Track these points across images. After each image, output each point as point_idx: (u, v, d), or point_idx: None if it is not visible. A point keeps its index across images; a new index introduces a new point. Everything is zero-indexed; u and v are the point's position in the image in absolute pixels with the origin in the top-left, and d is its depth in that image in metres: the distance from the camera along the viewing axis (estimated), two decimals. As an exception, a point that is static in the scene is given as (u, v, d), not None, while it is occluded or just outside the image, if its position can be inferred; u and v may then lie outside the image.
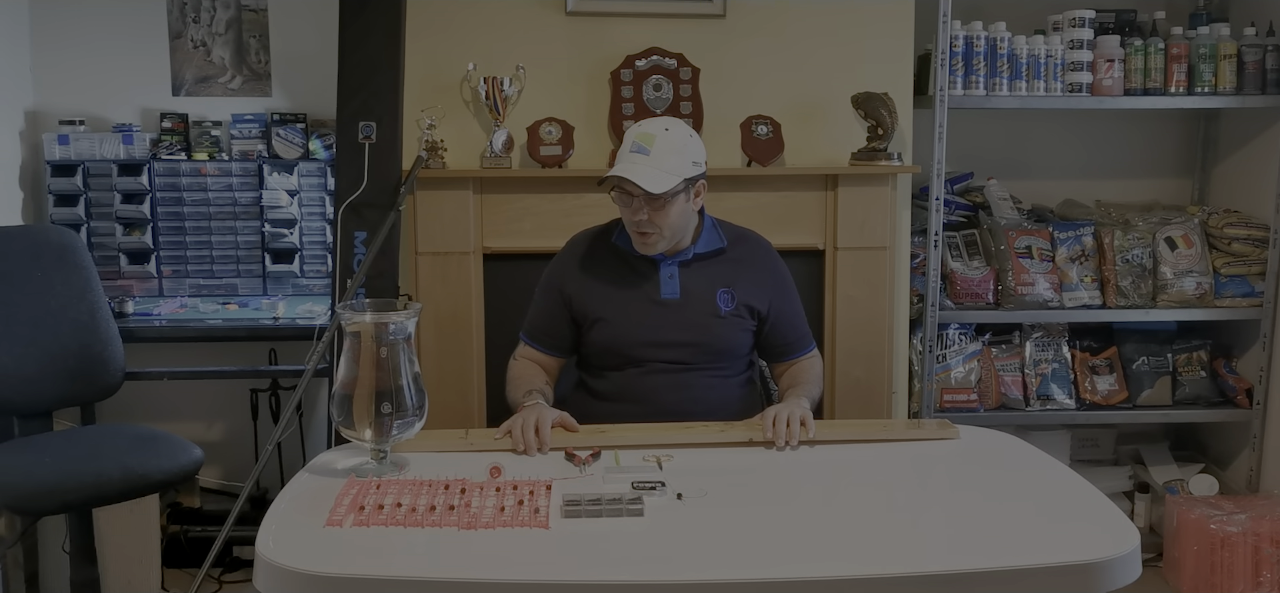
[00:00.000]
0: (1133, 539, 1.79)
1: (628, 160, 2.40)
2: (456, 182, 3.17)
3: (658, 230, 2.44)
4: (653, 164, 2.38)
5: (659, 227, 2.44)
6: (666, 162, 2.39)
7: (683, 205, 2.46)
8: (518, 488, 2.00)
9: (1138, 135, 3.93)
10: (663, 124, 2.46)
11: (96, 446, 2.91)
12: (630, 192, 2.40)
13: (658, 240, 2.47)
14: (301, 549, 1.75)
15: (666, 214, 2.42)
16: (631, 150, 2.40)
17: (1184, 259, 3.58)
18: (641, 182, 2.36)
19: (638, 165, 2.38)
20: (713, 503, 1.97)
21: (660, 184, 2.38)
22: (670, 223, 2.45)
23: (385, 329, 2.04)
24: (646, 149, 2.39)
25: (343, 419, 2.08)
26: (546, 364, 2.60)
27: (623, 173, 2.38)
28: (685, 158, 2.43)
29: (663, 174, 2.38)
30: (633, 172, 2.37)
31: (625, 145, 2.43)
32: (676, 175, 2.40)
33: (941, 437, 2.36)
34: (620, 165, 2.40)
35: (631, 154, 2.40)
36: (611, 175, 2.41)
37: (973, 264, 3.61)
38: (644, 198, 2.39)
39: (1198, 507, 3.46)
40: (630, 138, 2.43)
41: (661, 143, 2.40)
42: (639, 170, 2.37)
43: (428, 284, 3.19)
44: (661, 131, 2.42)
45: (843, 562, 1.74)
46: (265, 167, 3.65)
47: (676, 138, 2.43)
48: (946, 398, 3.55)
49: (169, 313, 3.52)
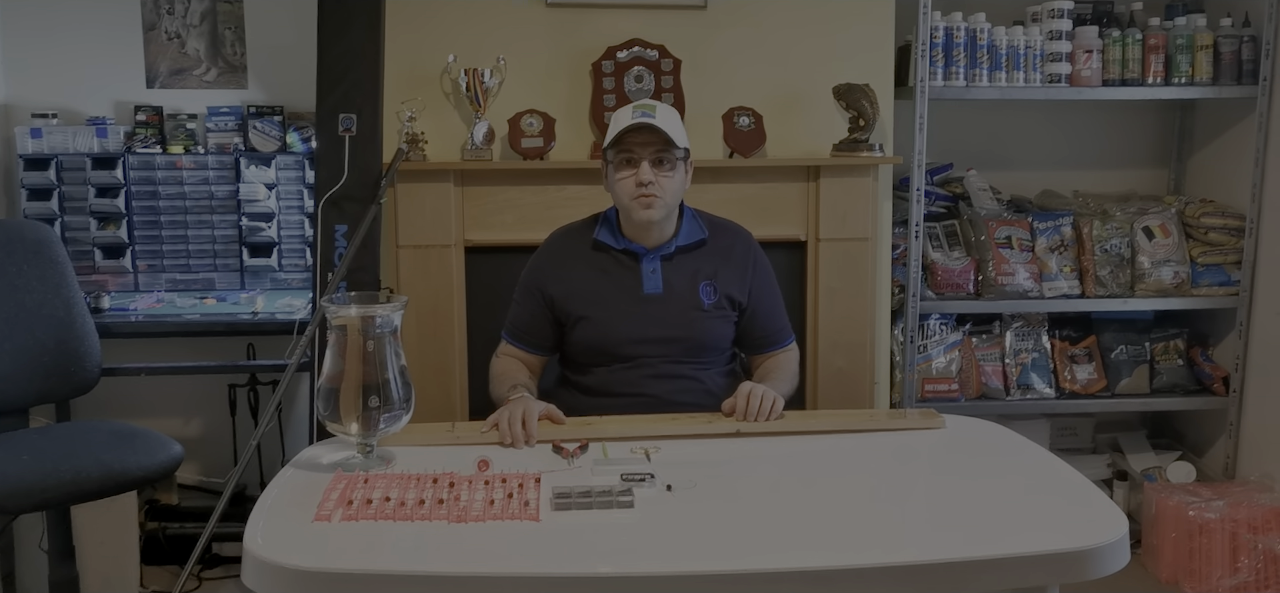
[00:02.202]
0: (1121, 526, 1.79)
1: (638, 119, 2.40)
2: (437, 174, 3.15)
3: (662, 193, 2.43)
4: (661, 123, 2.40)
5: (664, 188, 2.43)
6: (672, 125, 2.43)
7: (681, 175, 2.48)
8: (507, 481, 1.99)
9: (1115, 126, 3.96)
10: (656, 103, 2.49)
11: (74, 443, 2.88)
12: (641, 147, 2.40)
13: (659, 205, 2.45)
14: (290, 545, 1.74)
15: (673, 177, 2.44)
16: (635, 116, 2.41)
17: (1161, 249, 3.60)
18: (664, 125, 2.39)
19: (650, 121, 2.40)
20: (702, 494, 1.96)
21: (679, 138, 2.42)
22: (673, 188, 2.46)
23: (371, 322, 2.02)
24: (651, 114, 2.41)
25: (329, 413, 2.06)
26: (529, 362, 2.59)
27: (643, 120, 2.39)
28: (682, 132, 2.47)
29: (677, 131, 2.43)
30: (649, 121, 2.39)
31: (623, 116, 2.43)
32: (683, 140, 2.45)
33: (927, 426, 2.37)
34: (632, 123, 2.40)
35: (639, 117, 2.41)
36: (633, 123, 2.40)
37: (953, 255, 3.62)
38: (651, 161, 2.40)
39: (1176, 494, 3.49)
40: (629, 109, 2.44)
41: (664, 112, 2.43)
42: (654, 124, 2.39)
43: (409, 277, 3.17)
44: (660, 104, 2.46)
45: (832, 551, 1.74)
46: (242, 160, 3.62)
47: (672, 112, 2.47)
48: (928, 388, 3.57)
49: (145, 308, 3.48)
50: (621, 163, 2.45)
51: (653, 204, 2.46)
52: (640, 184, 2.42)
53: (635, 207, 2.47)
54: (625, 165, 2.45)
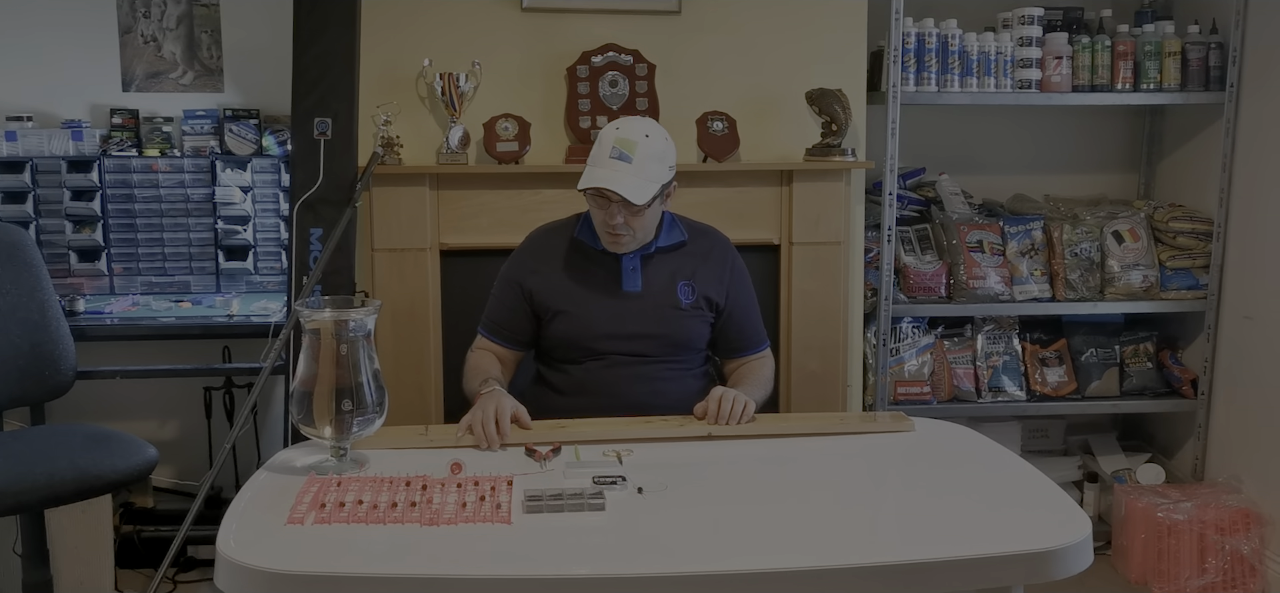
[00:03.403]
0: (1084, 528, 1.83)
1: (609, 167, 2.40)
2: (413, 178, 3.15)
3: (631, 233, 2.48)
4: (635, 172, 2.39)
5: (633, 229, 2.47)
6: (647, 170, 2.41)
7: (656, 209, 2.50)
8: (479, 484, 2.00)
9: (1085, 131, 4.00)
10: (642, 129, 2.46)
11: (48, 445, 2.87)
12: (610, 198, 2.41)
13: (630, 242, 2.51)
14: (263, 548, 1.75)
15: (642, 218, 2.46)
16: (612, 156, 2.40)
17: (1131, 252, 3.64)
18: (626, 193, 2.38)
19: (620, 174, 2.39)
20: (673, 497, 1.99)
21: (643, 194, 2.40)
22: (644, 226, 2.49)
23: (345, 326, 2.03)
24: (629, 157, 2.39)
25: (302, 417, 2.07)
26: (504, 356, 2.60)
27: (607, 184, 2.39)
28: (664, 164, 2.46)
29: (645, 183, 2.41)
30: (616, 182, 2.38)
31: (604, 148, 2.42)
32: (656, 182, 2.44)
33: (897, 429, 2.40)
34: (601, 172, 2.40)
35: (612, 160, 2.40)
36: (595, 186, 2.41)
37: (925, 258, 3.65)
38: (621, 204, 2.41)
39: (1145, 495, 3.53)
40: (609, 141, 2.42)
41: (643, 150, 2.41)
42: (623, 181, 2.38)
43: (384, 281, 3.18)
44: (643, 138, 2.42)
45: (802, 553, 1.77)
46: (218, 163, 3.61)
47: (656, 145, 2.44)
48: (900, 390, 3.60)
49: (121, 311, 3.48)
50: (594, 199, 2.47)
51: (621, 243, 2.50)
52: (609, 224, 2.46)
53: (605, 239, 2.52)
54: (597, 201, 2.47)
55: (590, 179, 2.42)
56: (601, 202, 2.45)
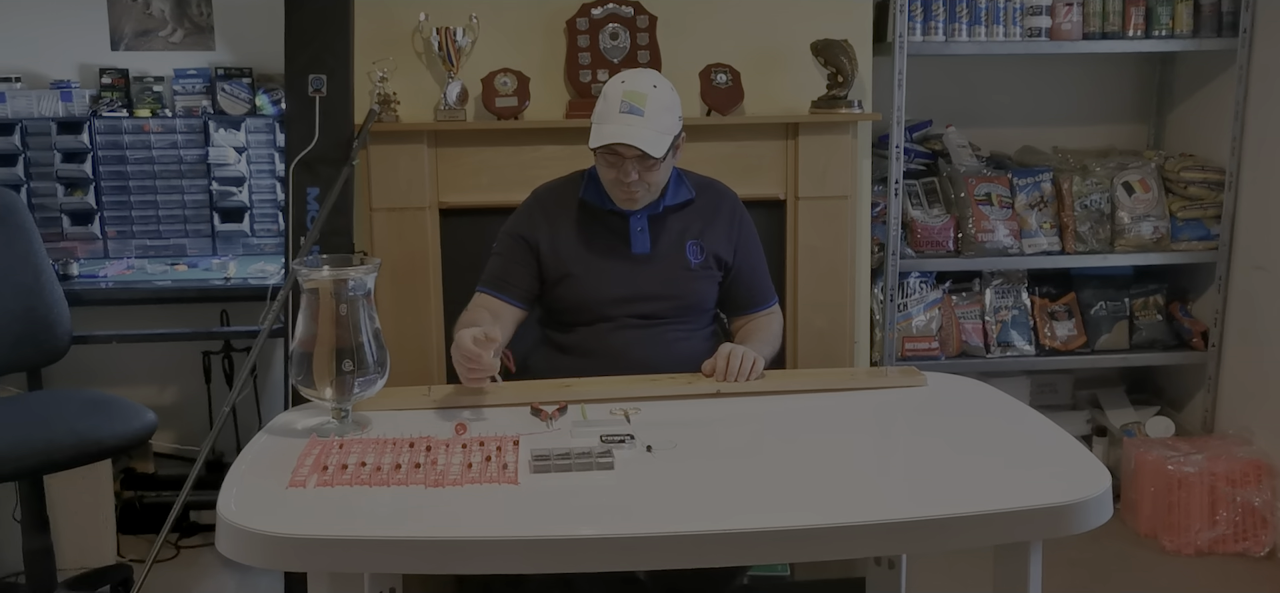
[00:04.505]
0: (1103, 480, 1.79)
1: (620, 122, 2.33)
2: (410, 135, 3.09)
3: (646, 188, 2.41)
4: (648, 124, 2.32)
5: (649, 184, 2.41)
6: (660, 121, 2.35)
7: (669, 162, 2.43)
8: (485, 444, 1.96)
9: (1095, 80, 3.93)
10: (649, 80, 2.39)
11: (46, 412, 2.84)
12: (624, 154, 2.35)
13: (645, 197, 2.44)
14: (264, 511, 1.71)
15: (657, 172, 2.40)
16: (623, 111, 2.33)
17: (1141, 204, 3.59)
18: (643, 145, 2.31)
19: (633, 127, 2.32)
20: (682, 455, 1.95)
21: (659, 146, 2.34)
22: (658, 181, 2.43)
23: (344, 285, 1.99)
24: (640, 109, 2.32)
25: (302, 378, 2.02)
26: (502, 312, 2.48)
27: (623, 139, 2.32)
28: (673, 115, 2.40)
29: (658, 135, 2.34)
30: (632, 136, 2.31)
31: (612, 104, 2.35)
32: (669, 134, 2.37)
33: (908, 384, 2.35)
34: (614, 128, 2.33)
35: (623, 115, 2.33)
36: (610, 142, 2.33)
37: (933, 212, 3.60)
38: (636, 159, 2.34)
39: (1154, 449, 3.50)
40: (617, 96, 2.35)
41: (654, 102, 2.34)
42: (638, 134, 2.32)
43: (383, 240, 3.13)
44: (651, 90, 2.36)
45: (814, 511, 1.73)
46: (211, 123, 3.55)
47: (665, 96, 2.38)
48: (908, 346, 3.56)
49: (115, 275, 3.43)
50: (605, 156, 2.40)
51: (635, 199, 2.44)
52: (624, 182, 2.39)
53: (617, 196, 2.45)
54: (608, 159, 2.40)
55: (603, 136, 2.35)
56: (613, 159, 2.38)
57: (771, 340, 2.57)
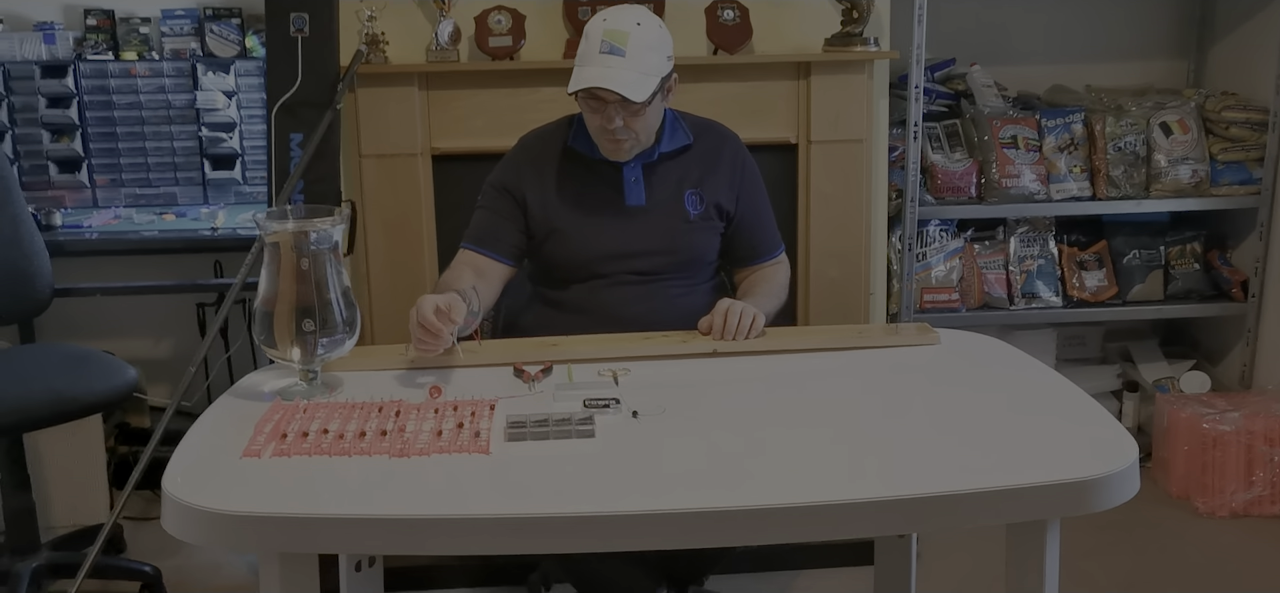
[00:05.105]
0: (1130, 453, 1.63)
1: (600, 63, 2.16)
2: (400, 78, 2.95)
3: (633, 136, 2.25)
4: (629, 66, 2.16)
5: (635, 132, 2.24)
6: (643, 62, 2.17)
7: (658, 107, 2.26)
8: (458, 409, 1.83)
9: (1130, 14, 3.74)
10: (633, 17, 2.21)
11: (25, 367, 2.75)
12: (605, 98, 2.18)
13: (633, 147, 2.28)
14: (211, 485, 1.58)
15: (643, 119, 2.23)
16: (602, 51, 2.16)
17: (1179, 146, 3.40)
18: (623, 90, 2.14)
19: (613, 70, 2.15)
20: (671, 421, 1.80)
21: (642, 90, 2.17)
22: (646, 127, 2.26)
23: (305, 239, 1.85)
24: (620, 50, 2.15)
25: (264, 338, 1.89)
26: (487, 269, 2.33)
27: (600, 82, 2.15)
28: (661, 55, 2.22)
29: (641, 77, 2.17)
30: (610, 79, 2.15)
31: (591, 44, 2.18)
32: (655, 76, 2.20)
33: (920, 342, 2.20)
34: (593, 71, 2.16)
35: (603, 57, 2.16)
36: (587, 86, 2.17)
37: (954, 156, 3.43)
38: (619, 104, 2.18)
39: (1189, 405, 3.35)
40: (597, 36, 2.18)
41: (636, 40, 2.16)
42: (618, 77, 2.15)
43: (374, 189, 2.99)
44: (634, 28, 2.18)
45: (810, 487, 1.57)
46: (199, 66, 3.41)
47: (650, 34, 2.20)
48: (927, 298, 3.40)
49: (101, 225, 3.31)
50: (587, 102, 2.23)
51: (622, 149, 2.28)
52: (608, 130, 2.23)
53: (603, 146, 2.29)
54: (591, 105, 2.23)
55: (580, 80, 2.18)
56: (596, 104, 2.21)
57: (777, 293, 2.42)
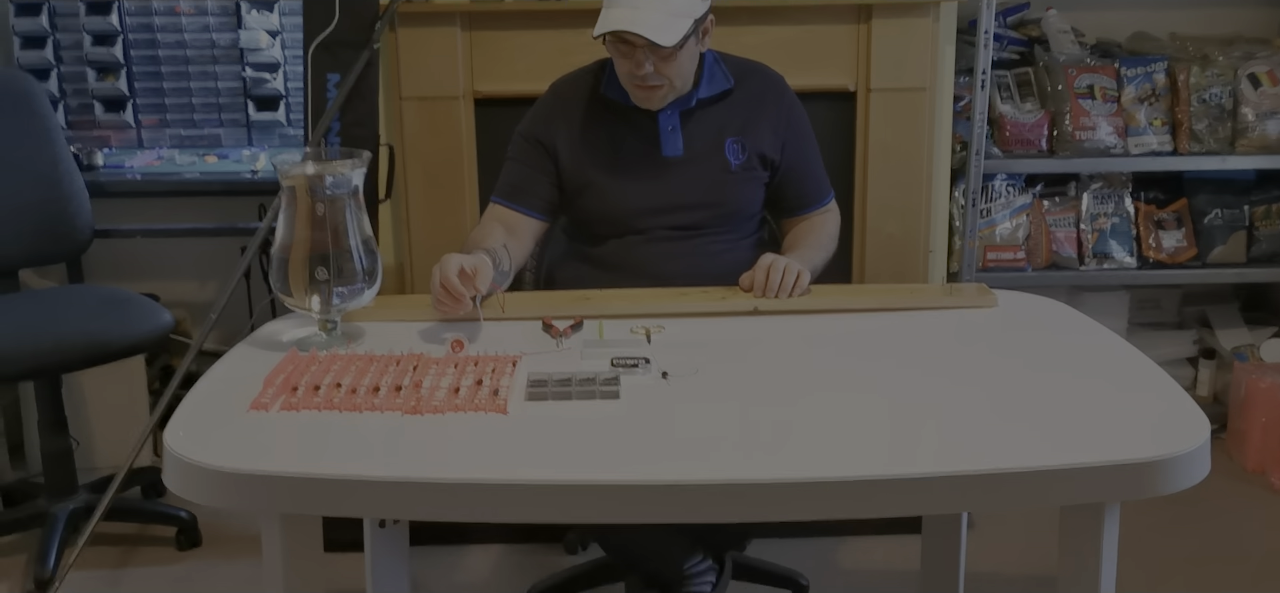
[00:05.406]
0: (1201, 432, 1.50)
1: (627, 4, 2.03)
2: (442, 17, 2.84)
3: (667, 82, 2.11)
4: (659, 6, 2.02)
5: (668, 78, 2.10)
6: (674, 2, 2.04)
7: (692, 49, 2.12)
8: (479, 364, 1.75)
9: (1220, -43, 3.50)
10: None
11: (61, 310, 2.73)
12: (634, 42, 2.06)
13: (667, 93, 2.15)
14: (213, 440, 1.52)
15: (676, 63, 2.09)
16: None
17: (1269, 99, 3.18)
18: (651, 34, 2.01)
19: (642, 12, 2.02)
20: (703, 383, 1.69)
21: (672, 33, 2.03)
22: (680, 72, 2.12)
23: (321, 182, 1.76)
24: None
25: (280, 286, 1.82)
26: (518, 225, 2.24)
27: (626, 26, 2.01)
28: None
29: (671, 18, 2.03)
30: (637, 22, 2.01)
31: None
32: (687, 17, 2.05)
33: (977, 304, 2.06)
34: (620, 12, 2.03)
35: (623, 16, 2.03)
36: (612, 29, 2.04)
37: (1025, 107, 3.24)
38: (648, 48, 2.05)
39: (1269, 375, 3.17)
40: None
41: None
42: (645, 19, 2.01)
43: (414, 133, 2.90)
44: None
45: (846, 460, 1.46)
46: (242, 5, 3.34)
47: None
48: (990, 256, 3.24)
49: (143, 166, 3.28)
50: (616, 46, 2.10)
51: (654, 96, 2.15)
52: (637, 75, 2.10)
53: (635, 94, 2.16)
54: (620, 49, 2.10)
55: (607, 22, 2.04)
56: (624, 49, 2.08)
57: (825, 245, 2.29)
